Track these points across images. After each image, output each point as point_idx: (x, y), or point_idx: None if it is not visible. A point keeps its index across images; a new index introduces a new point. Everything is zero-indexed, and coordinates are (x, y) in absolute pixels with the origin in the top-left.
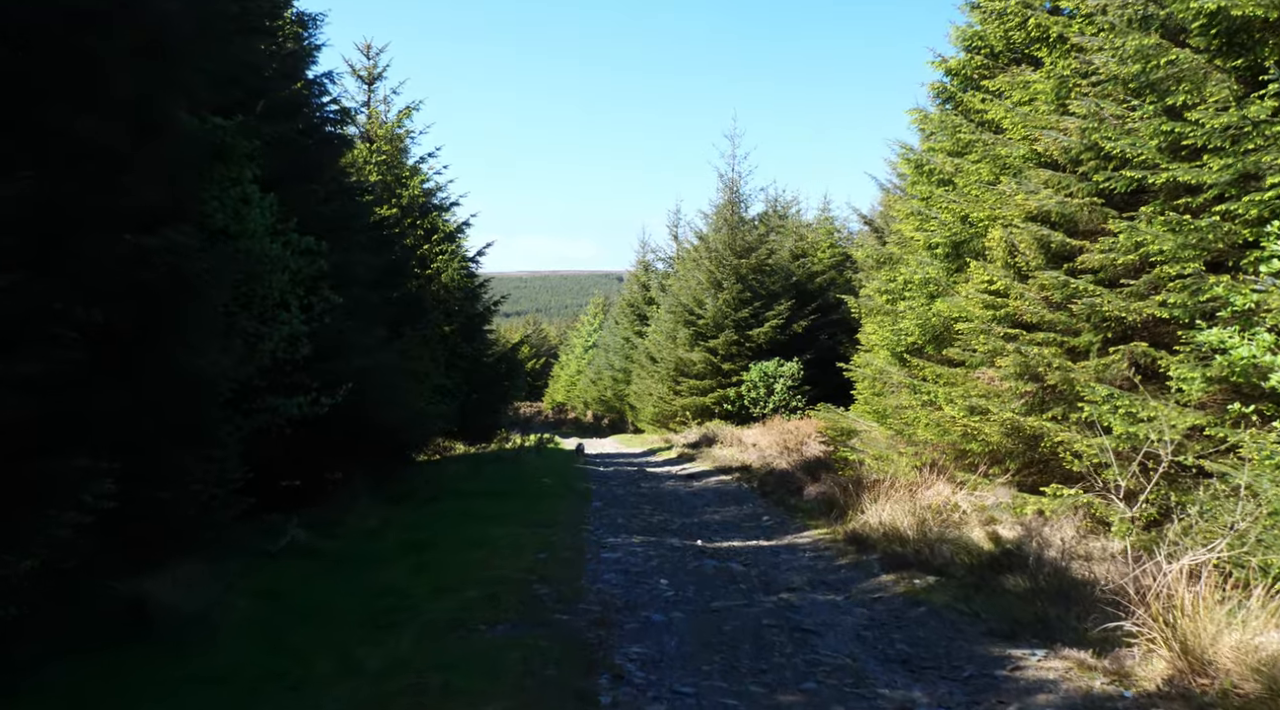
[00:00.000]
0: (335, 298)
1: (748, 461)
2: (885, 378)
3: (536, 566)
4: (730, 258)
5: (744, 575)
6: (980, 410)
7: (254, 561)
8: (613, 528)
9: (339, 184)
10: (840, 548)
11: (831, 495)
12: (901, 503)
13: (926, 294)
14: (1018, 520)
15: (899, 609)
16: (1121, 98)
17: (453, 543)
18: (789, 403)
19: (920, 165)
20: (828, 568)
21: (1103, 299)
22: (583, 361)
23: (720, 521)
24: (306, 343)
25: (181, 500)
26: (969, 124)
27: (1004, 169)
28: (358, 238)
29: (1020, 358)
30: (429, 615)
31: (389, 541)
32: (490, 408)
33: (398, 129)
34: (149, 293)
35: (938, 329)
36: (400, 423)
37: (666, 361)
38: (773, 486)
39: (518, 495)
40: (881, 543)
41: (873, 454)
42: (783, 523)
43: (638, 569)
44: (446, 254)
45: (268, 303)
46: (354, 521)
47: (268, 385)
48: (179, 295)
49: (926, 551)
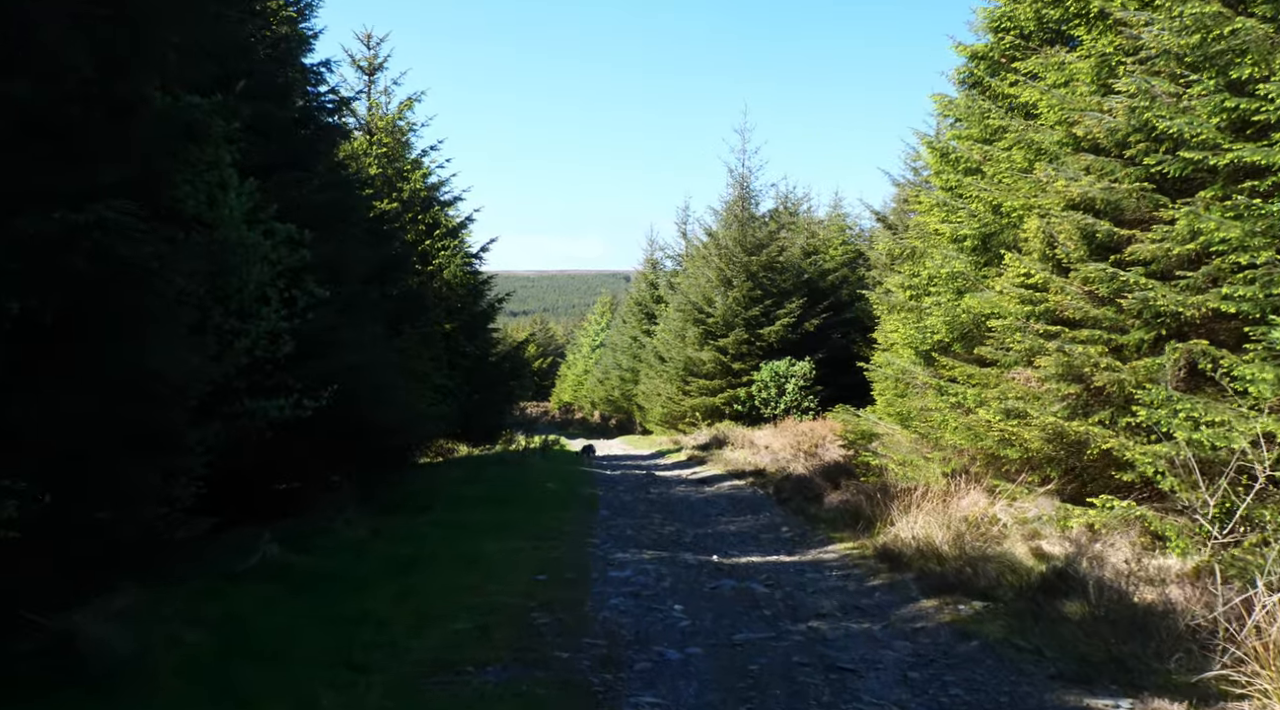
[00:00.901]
0: (320, 291)
1: (761, 465)
2: (908, 378)
3: (536, 590)
4: (740, 255)
5: (767, 598)
6: (1018, 414)
7: (216, 584)
8: (621, 541)
9: (335, 175)
10: (870, 565)
11: (856, 504)
12: (934, 514)
13: (954, 289)
14: (1064, 535)
15: (947, 643)
16: (1176, 73)
17: (445, 560)
18: (801, 403)
19: (946, 153)
20: (859, 589)
21: (1156, 293)
22: (590, 361)
23: (736, 533)
24: (289, 340)
25: (125, 519)
26: (998, 109)
27: (1039, 155)
28: (352, 231)
29: (1063, 357)
30: (409, 653)
31: (374, 558)
32: (494, 408)
33: (399, 121)
34: (79, 280)
35: (967, 326)
36: (396, 425)
37: (675, 361)
38: (790, 493)
39: (519, 503)
40: (916, 560)
41: (896, 459)
42: (804, 535)
43: (649, 591)
44: (449, 250)
45: (245, 296)
46: (340, 533)
47: (247, 386)
48: (119, 284)
49: (969, 571)
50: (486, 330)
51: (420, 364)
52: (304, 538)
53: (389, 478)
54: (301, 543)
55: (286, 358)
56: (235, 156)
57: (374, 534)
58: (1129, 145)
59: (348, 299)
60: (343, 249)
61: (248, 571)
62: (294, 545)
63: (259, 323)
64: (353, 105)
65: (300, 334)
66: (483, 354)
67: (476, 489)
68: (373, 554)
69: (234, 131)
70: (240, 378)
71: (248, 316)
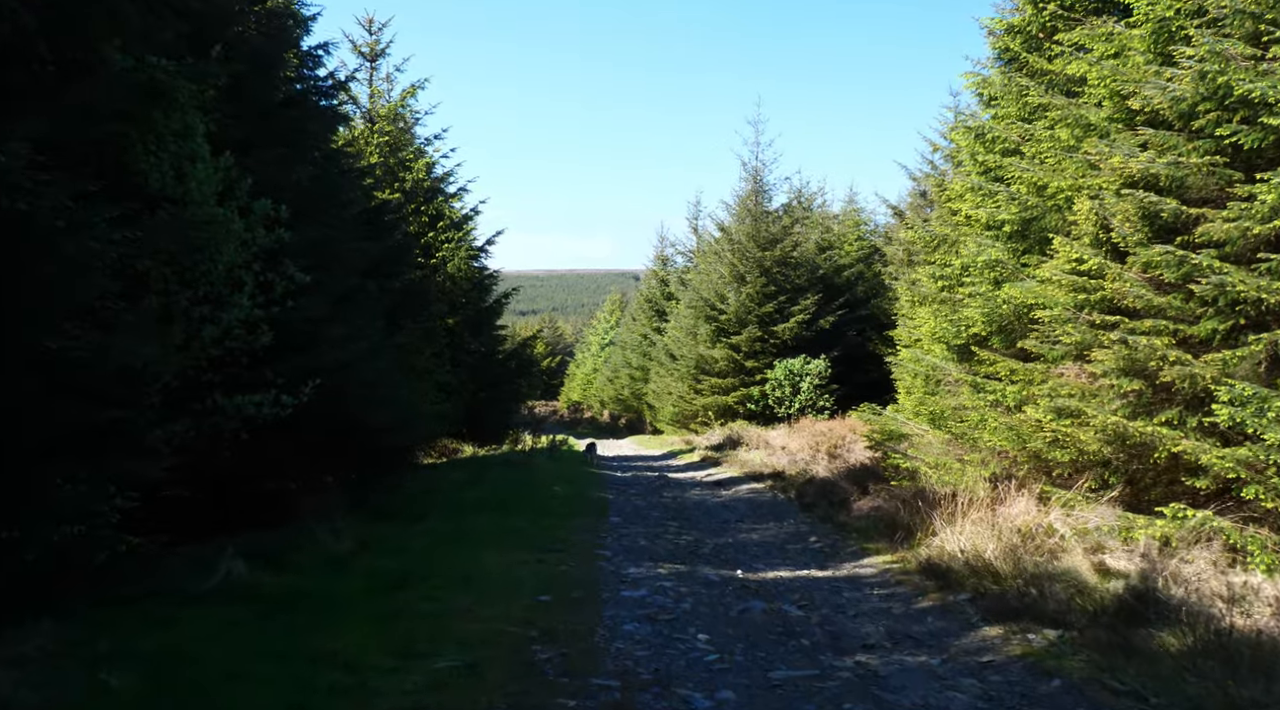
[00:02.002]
0: (300, 276)
1: (779, 467)
2: (940, 374)
3: (538, 614)
4: (754, 250)
5: (804, 623)
6: (1071, 413)
7: (167, 609)
8: (634, 552)
9: (330, 160)
10: (916, 582)
11: (891, 512)
12: (982, 524)
13: (990, 279)
14: (1129, 548)
15: (1023, 682)
16: (1254, 32)
17: (437, 577)
18: (816, 402)
19: (981, 134)
20: (908, 613)
21: (1233, 277)
22: (599, 360)
23: (760, 543)
24: (267, 330)
25: (32, 540)
26: (1037, 86)
27: (1088, 131)
28: (341, 214)
29: (1123, 350)
30: (381, 698)
31: (357, 575)
32: (501, 407)
33: (401, 108)
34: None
35: (1006, 318)
36: (391, 424)
37: (687, 359)
38: (813, 497)
39: (524, 508)
40: (967, 577)
41: (928, 462)
42: (835, 545)
43: (668, 615)
44: (453, 242)
45: (214, 278)
46: (323, 545)
47: (221, 381)
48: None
49: (1032, 592)
50: (493, 326)
51: (422, 360)
52: (280, 551)
53: (384, 481)
54: (277, 557)
55: (265, 350)
56: (209, 127)
57: (361, 546)
58: (1196, 116)
59: (339, 289)
60: (331, 234)
61: (207, 593)
62: (268, 560)
63: (232, 310)
64: (354, 93)
65: (281, 324)
66: (489, 351)
67: (478, 493)
68: (356, 570)
69: (208, 100)
70: (213, 371)
71: (218, 302)
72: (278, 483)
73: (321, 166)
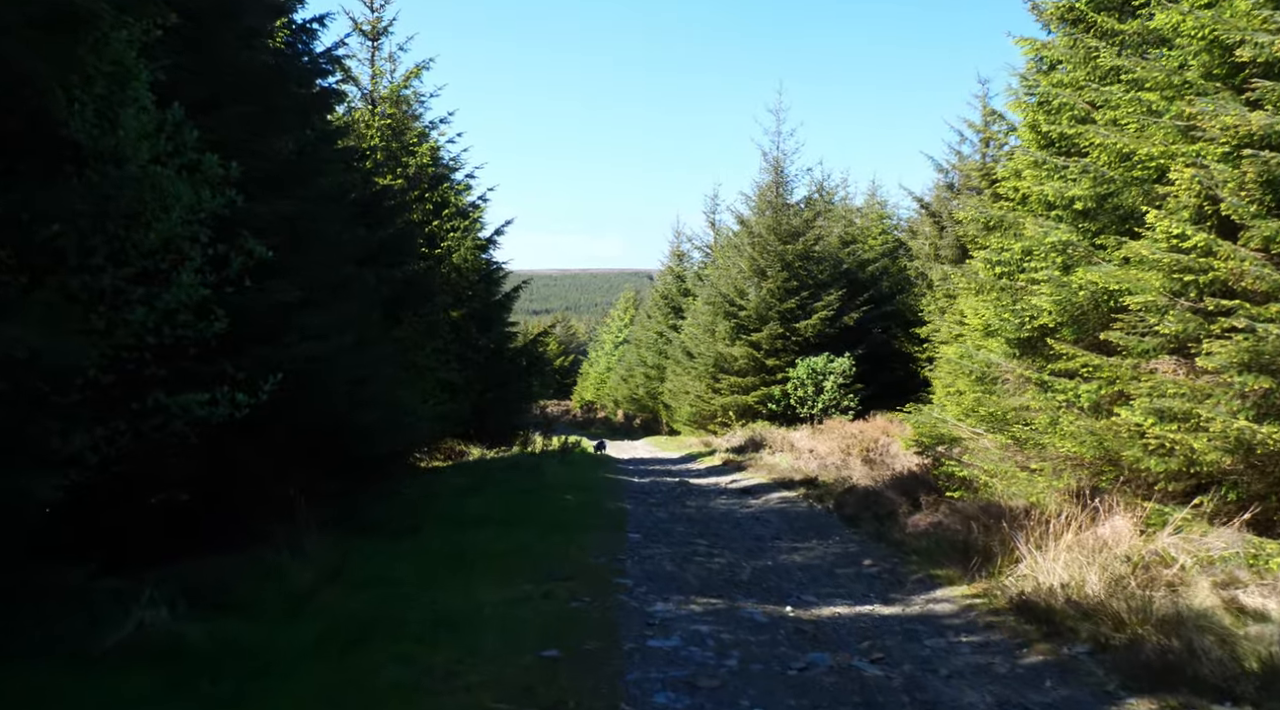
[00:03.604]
0: (260, 249)
1: (810, 472)
2: (996, 372)
3: (540, 677)
4: (775, 243)
5: (885, 689)
6: (1178, 416)
7: (47, 677)
8: (659, 581)
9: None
10: (1012, 626)
11: (957, 531)
12: (1078, 550)
13: (1059, 263)
14: (1267, 581)
15: None
16: None
17: (416, 621)
18: (840, 402)
19: (1046, 102)
20: (1015, 672)
21: None
22: (613, 358)
23: (804, 566)
24: (222, 315)
25: None
26: (1110, 46)
27: (1181, 91)
28: (327, 190)
29: (1247, 341)
30: None
31: (314, 619)
32: (509, 407)
33: (404, 90)
34: None
35: (1081, 307)
36: (379, 426)
37: (705, 357)
38: (855, 509)
39: (530, 521)
40: (1077, 621)
41: (985, 469)
42: (895, 571)
43: (709, 675)
44: (459, 231)
45: (145, 251)
46: (284, 575)
47: (168, 376)
48: None
49: (1174, 646)
50: (502, 322)
51: (423, 357)
52: (227, 584)
53: (372, 490)
54: (221, 593)
55: (221, 339)
56: (156, 76)
57: (332, 574)
58: None
59: (326, 276)
60: (311, 210)
61: (110, 651)
62: (207, 598)
63: (173, 289)
64: (354, 74)
65: (243, 309)
66: (498, 347)
67: (481, 502)
68: (315, 613)
69: (156, 42)
70: (159, 364)
71: (155, 280)
72: (240, 496)
73: (310, 142)
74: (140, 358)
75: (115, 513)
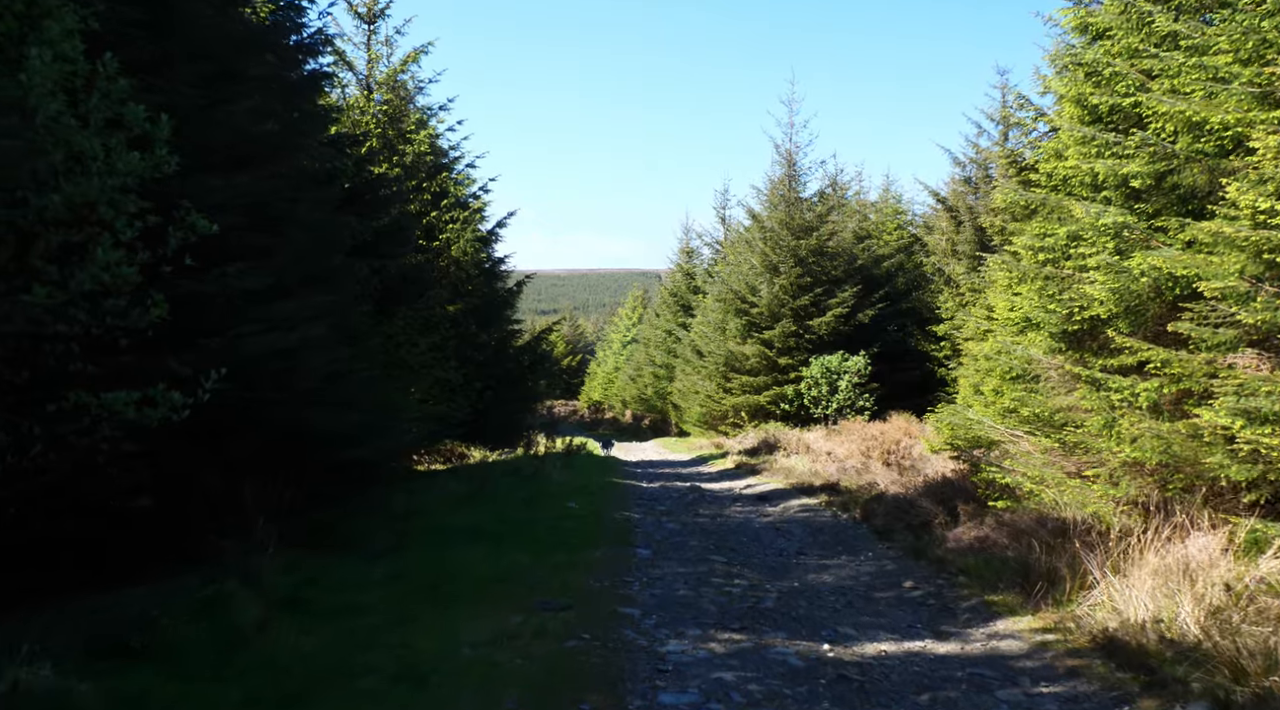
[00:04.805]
0: (203, 223)
1: (829, 477)
2: (1036, 368)
3: None
4: (788, 238)
5: None
6: (1274, 418)
7: None
8: (672, 609)
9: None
10: (1102, 675)
11: (1012, 549)
12: (1164, 575)
13: (1112, 248)
14: None
15: None
16: None
17: (371, 671)
18: (855, 402)
19: (1095, 72)
20: None
21: None
22: (621, 358)
23: (837, 588)
24: (160, 301)
25: None
26: (1165, 11)
27: (1260, 50)
28: (297, 156)
29: None
30: None
31: (243, 675)
32: (512, 407)
33: (401, 75)
34: None
35: (1141, 296)
36: (356, 430)
37: (715, 356)
38: (885, 520)
39: (527, 534)
40: (1178, 666)
41: (1030, 476)
42: (942, 595)
43: None
44: (459, 222)
45: (48, 219)
46: (227, 606)
47: (97, 374)
48: None
49: None
50: (505, 318)
51: (416, 354)
52: (152, 622)
53: (350, 502)
54: (141, 633)
55: (161, 330)
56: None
57: (287, 604)
58: None
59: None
60: (281, 188)
61: None
62: (119, 642)
63: (87, 266)
64: (350, 58)
65: (190, 296)
66: (499, 345)
67: (475, 513)
68: (252, 660)
69: None
70: (84, 359)
71: (63, 254)
72: (194, 511)
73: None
74: (65, 350)
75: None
